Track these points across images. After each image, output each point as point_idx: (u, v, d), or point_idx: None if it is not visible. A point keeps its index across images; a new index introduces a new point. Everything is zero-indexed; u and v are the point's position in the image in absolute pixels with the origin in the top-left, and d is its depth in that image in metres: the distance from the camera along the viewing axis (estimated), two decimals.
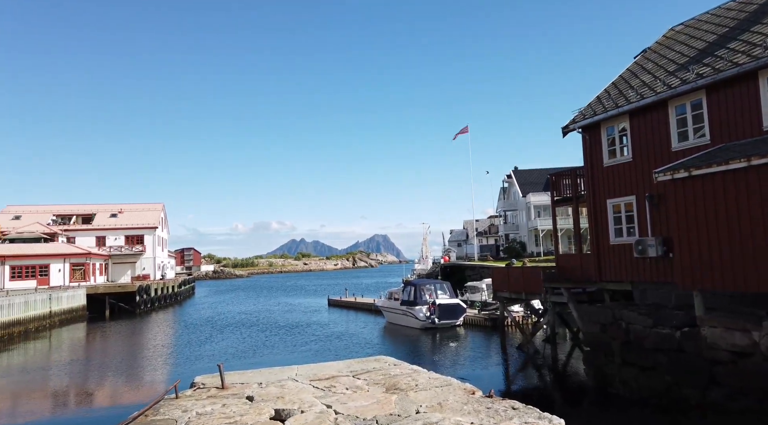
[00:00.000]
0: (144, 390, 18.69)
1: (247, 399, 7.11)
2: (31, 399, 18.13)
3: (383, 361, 9.58)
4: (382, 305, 34.37)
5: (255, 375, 8.82)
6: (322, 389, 7.47)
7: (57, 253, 54.98)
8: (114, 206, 72.48)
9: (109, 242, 66.68)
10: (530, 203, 57.32)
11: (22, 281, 51.51)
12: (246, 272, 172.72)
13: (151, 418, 6.36)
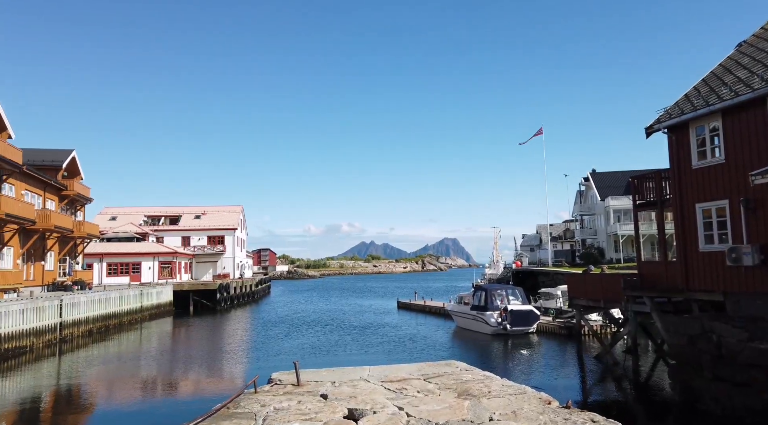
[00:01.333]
0: (224, 382, 19.67)
1: (321, 397, 7.32)
2: (125, 385, 19.63)
3: (454, 366, 9.52)
4: (452, 309, 34.08)
5: (328, 373, 9.06)
6: (394, 391, 7.54)
7: (148, 252, 59.19)
8: (198, 208, 76.88)
9: (193, 242, 70.80)
10: (609, 207, 54.70)
11: (117, 277, 55.89)
12: (318, 272, 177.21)
13: (232, 410, 6.71)
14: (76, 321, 30.78)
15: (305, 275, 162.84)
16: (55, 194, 40.04)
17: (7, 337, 23.99)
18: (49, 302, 28.15)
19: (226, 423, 6.05)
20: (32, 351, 25.62)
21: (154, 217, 73.70)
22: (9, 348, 23.96)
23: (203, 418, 6.20)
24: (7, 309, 24.21)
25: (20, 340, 24.99)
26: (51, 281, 38.43)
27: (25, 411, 16.34)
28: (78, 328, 30.82)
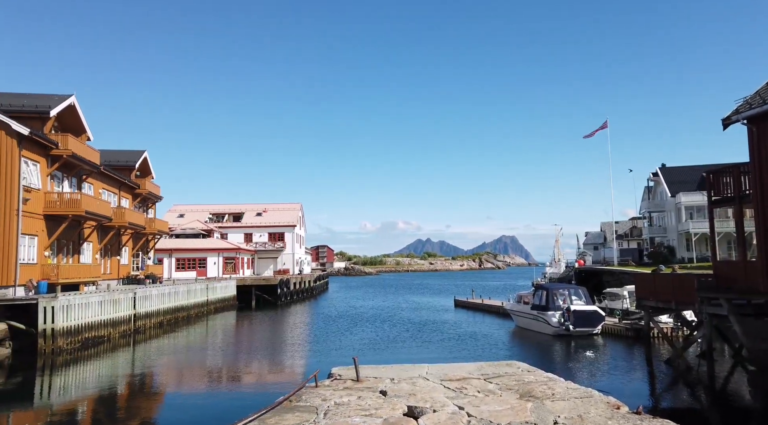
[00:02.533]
0: (285, 375, 20.20)
1: (380, 393, 7.34)
2: (193, 374, 20.58)
3: (515, 366, 9.29)
4: (511, 308, 33.38)
5: (387, 370, 9.08)
6: (453, 390, 7.45)
7: (213, 248, 61.75)
8: (259, 206, 79.35)
9: (255, 238, 73.15)
10: (680, 203, 51.77)
11: (185, 271, 58.65)
12: (375, 269, 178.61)
13: (294, 404, 6.84)
14: (148, 313, 32.55)
15: (362, 272, 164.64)
16: (128, 192, 42.49)
17: (88, 327, 25.72)
18: (124, 295, 29.93)
19: (289, 415, 6.17)
20: (109, 340, 27.33)
21: (218, 214, 76.74)
22: (89, 337, 25.68)
23: (267, 410, 6.36)
24: (87, 301, 25.95)
25: (99, 330, 26.72)
26: (125, 275, 40.85)
27: (103, 397, 17.46)
28: (150, 320, 32.58)
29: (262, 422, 5.93)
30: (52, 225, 28.60)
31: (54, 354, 22.98)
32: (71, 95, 31.62)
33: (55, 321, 23.37)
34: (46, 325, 23.17)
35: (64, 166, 30.21)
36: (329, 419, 6.02)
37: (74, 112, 32.22)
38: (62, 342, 23.64)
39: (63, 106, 30.61)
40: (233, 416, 7.35)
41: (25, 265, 26.08)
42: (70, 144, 29.52)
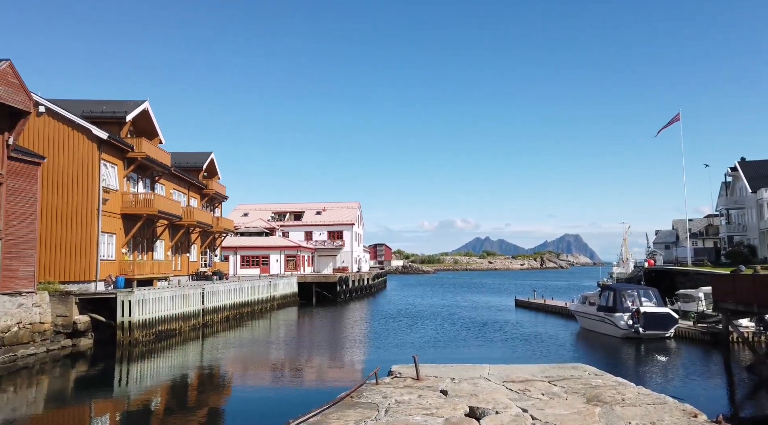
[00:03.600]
0: (345, 371, 20.49)
1: (441, 392, 7.27)
2: (257, 367, 21.28)
3: (582, 369, 8.96)
4: (576, 309, 32.25)
5: (448, 369, 9.00)
6: (516, 392, 7.27)
7: (275, 245, 63.62)
8: (318, 204, 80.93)
9: (315, 236, 74.69)
10: (763, 199, 48.13)
11: (249, 268, 60.76)
12: (432, 268, 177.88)
13: (356, 400, 6.91)
14: (216, 308, 33.97)
15: (419, 271, 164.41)
16: (197, 192, 44.51)
17: (161, 320, 27.17)
18: (194, 291, 31.38)
19: (350, 411, 6.24)
20: (180, 333, 28.76)
21: (280, 213, 78.97)
22: (162, 330, 27.13)
23: (329, 405, 6.45)
24: (160, 296, 27.43)
25: (171, 324, 28.17)
26: (194, 271, 42.83)
27: (175, 387, 18.39)
28: (217, 314, 34.00)
29: (325, 417, 6.03)
30: (128, 224, 30.42)
31: (131, 345, 24.45)
32: (145, 101, 33.49)
33: (132, 314, 24.85)
34: (123, 318, 24.68)
35: (139, 168, 32.04)
36: (390, 416, 6.03)
37: (147, 116, 34.11)
38: (138, 334, 25.11)
39: (137, 111, 32.47)
40: (296, 410, 7.52)
41: (104, 261, 27.89)
42: (144, 147, 31.28)
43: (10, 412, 15.38)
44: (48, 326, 23.54)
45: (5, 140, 22.01)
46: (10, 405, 16.02)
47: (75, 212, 26.95)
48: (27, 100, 22.40)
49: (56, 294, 24.20)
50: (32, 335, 22.52)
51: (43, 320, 23.39)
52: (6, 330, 21.30)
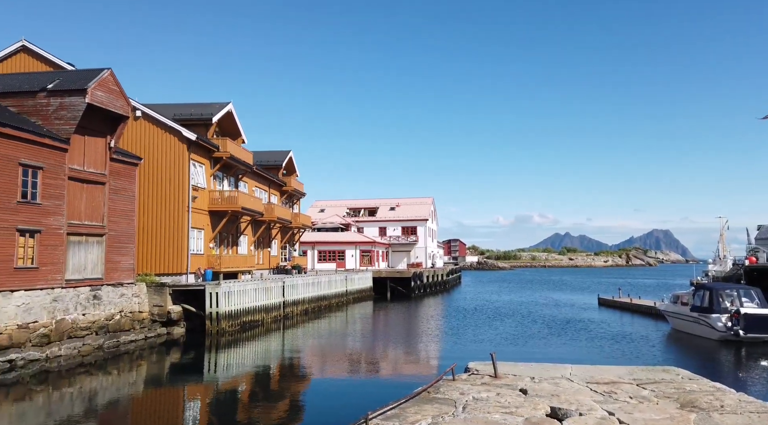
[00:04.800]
0: (420, 366, 20.53)
1: (520, 391, 7.09)
2: (335, 358, 21.84)
3: (674, 372, 8.41)
4: (666, 309, 30.27)
5: (526, 368, 8.76)
6: (602, 393, 6.94)
7: (350, 241, 64.89)
8: (392, 200, 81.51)
9: (389, 232, 75.34)
10: None
11: (326, 263, 62.42)
12: (508, 264, 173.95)
13: (433, 395, 6.90)
14: (295, 301, 35.22)
15: (495, 267, 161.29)
16: (276, 189, 46.31)
17: (245, 312, 28.58)
18: (275, 284, 32.71)
19: (427, 406, 6.24)
20: (263, 324, 30.10)
21: (355, 209, 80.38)
22: (247, 321, 28.53)
23: (406, 399, 6.49)
24: (244, 288, 28.84)
25: (254, 315, 29.55)
26: (275, 265, 44.63)
27: (258, 375, 19.29)
28: (296, 307, 35.24)
29: (402, 410, 6.07)
30: (215, 220, 32.23)
31: (218, 334, 25.92)
32: (229, 103, 35.26)
33: (219, 306, 26.33)
34: (211, 309, 26.20)
35: (224, 167, 33.82)
36: (468, 413, 5.96)
37: (231, 117, 35.90)
38: (225, 324, 26.57)
39: (222, 113, 34.26)
40: (373, 402, 7.62)
41: (194, 255, 29.73)
42: (228, 147, 32.96)
43: (115, 392, 16.84)
44: (146, 315, 25.49)
45: (107, 142, 24.02)
46: (114, 386, 17.53)
47: (168, 209, 28.93)
48: (126, 106, 24.30)
49: (152, 286, 26.14)
50: (132, 323, 24.49)
51: (142, 309, 25.35)
52: (110, 318, 23.31)
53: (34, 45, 28.39)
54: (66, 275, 21.62)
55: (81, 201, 22.61)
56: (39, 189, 20.62)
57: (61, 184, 21.59)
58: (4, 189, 19.26)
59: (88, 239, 22.96)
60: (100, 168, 23.66)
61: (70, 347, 20.72)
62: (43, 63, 28.11)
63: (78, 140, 22.47)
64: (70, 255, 21.97)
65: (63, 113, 21.84)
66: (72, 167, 22.17)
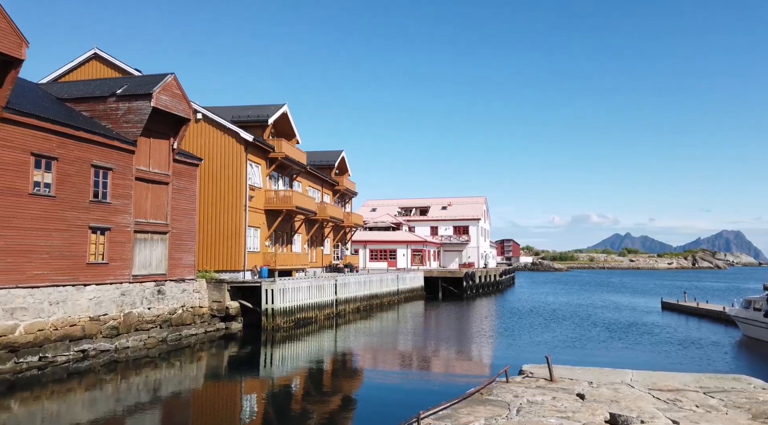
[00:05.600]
0: (472, 367, 20.29)
1: (577, 396, 6.88)
2: (386, 357, 21.95)
3: (745, 381, 7.91)
4: (737, 315, 28.51)
5: (584, 372, 8.48)
6: (665, 401, 6.63)
7: (402, 240, 64.97)
8: (444, 199, 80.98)
9: (441, 231, 74.89)
10: None
11: (378, 262, 62.80)
12: (565, 265, 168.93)
13: (485, 397, 6.80)
14: (347, 299, 35.64)
15: (550, 268, 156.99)
16: (329, 189, 47.01)
17: (299, 309, 29.21)
18: (328, 282, 33.22)
19: (480, 408, 6.16)
20: (316, 321, 30.65)
21: (406, 208, 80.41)
22: (301, 318, 29.15)
23: (458, 400, 6.43)
24: (299, 286, 29.47)
25: (308, 312, 30.14)
26: (328, 263, 45.32)
27: (312, 371, 19.66)
28: (348, 305, 35.65)
29: (455, 411, 6.02)
30: (270, 219, 33.10)
31: (274, 330, 26.61)
32: (284, 105, 36.10)
33: (275, 302, 27.02)
34: (267, 305, 26.93)
35: (279, 167, 34.68)
36: (522, 417, 5.84)
37: (286, 118, 36.74)
38: (280, 321, 27.25)
39: (278, 114, 35.13)
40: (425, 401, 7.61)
41: (250, 253, 30.65)
42: (283, 147, 33.76)
43: (177, 383, 17.63)
44: (206, 310, 26.53)
45: (171, 144, 25.16)
46: (177, 377, 18.35)
47: (226, 208, 29.97)
48: (188, 109, 25.37)
49: (212, 282, 27.17)
50: (193, 317, 25.55)
51: (202, 304, 26.40)
52: (173, 312, 24.41)
53: (105, 52, 30.11)
54: (133, 270, 22.82)
55: (146, 200, 23.81)
56: (109, 189, 21.87)
57: (128, 184, 22.81)
58: (79, 189, 20.55)
59: (153, 237, 24.14)
60: (164, 169, 24.81)
61: (136, 339, 21.86)
62: (113, 69, 29.77)
63: (144, 142, 23.66)
64: (137, 252, 23.17)
65: (131, 116, 23.06)
66: (139, 168, 23.37)
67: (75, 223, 20.32)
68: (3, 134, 17.84)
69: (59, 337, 18.91)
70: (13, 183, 18.09)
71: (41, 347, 18.16)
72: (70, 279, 19.87)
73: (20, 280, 18.07)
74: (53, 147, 19.59)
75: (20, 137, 18.41)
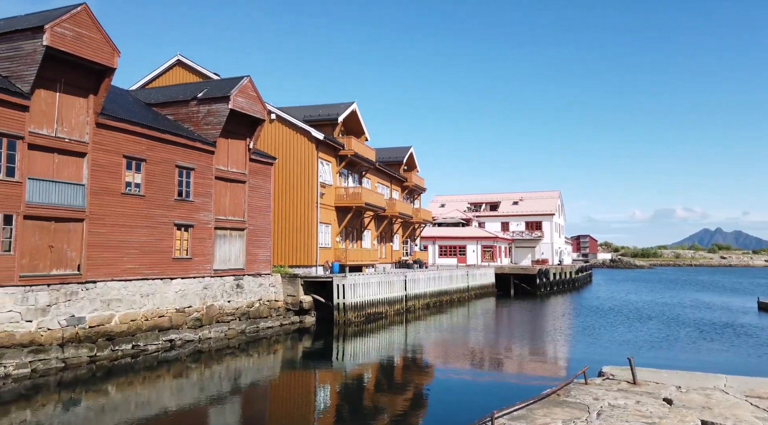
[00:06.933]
0: (547, 367, 19.66)
1: (664, 401, 6.47)
2: (456, 354, 21.74)
3: None
4: None
5: (671, 376, 7.97)
6: (765, 409, 6.08)
7: (471, 236, 64.12)
8: (515, 194, 79.00)
9: (512, 227, 73.16)
10: None
11: (447, 258, 62.37)
12: (647, 262, 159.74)
13: (563, 398, 6.55)
14: (417, 295, 35.65)
15: (631, 265, 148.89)
16: (397, 185, 47.20)
17: (369, 304, 29.58)
18: (397, 278, 33.40)
19: (557, 410, 5.94)
20: (386, 317, 30.91)
21: (475, 203, 79.22)
22: (371, 313, 29.51)
23: (534, 401, 6.24)
24: (368, 281, 29.84)
25: (378, 307, 30.46)
26: (397, 259, 45.56)
27: (383, 366, 19.84)
28: (418, 301, 35.66)
29: (530, 412, 5.84)
30: (340, 215, 33.74)
31: (345, 324, 27.13)
32: (353, 103, 36.63)
33: (346, 297, 27.53)
34: (339, 300, 27.49)
35: (348, 164, 35.25)
36: (603, 421, 5.57)
37: (355, 116, 37.26)
38: (351, 315, 27.73)
39: (347, 112, 35.70)
40: (498, 401, 7.46)
41: (322, 248, 31.40)
42: (353, 145, 34.28)
43: (256, 373, 18.42)
44: (281, 303, 27.50)
45: (247, 144, 26.25)
46: (255, 367, 19.17)
47: (298, 205, 30.89)
48: (263, 110, 26.34)
49: (286, 277, 28.11)
50: (269, 310, 26.56)
51: (277, 298, 27.39)
52: (251, 306, 25.51)
53: (187, 58, 31.91)
54: (214, 265, 24.06)
55: (225, 198, 25.00)
56: (192, 188, 23.17)
57: (209, 183, 24.05)
58: (165, 188, 21.93)
59: (232, 233, 25.32)
60: (241, 168, 25.94)
61: (218, 330, 23.05)
62: (194, 74, 31.48)
63: (222, 142, 24.84)
64: (217, 247, 24.40)
65: (210, 118, 24.28)
66: (218, 168, 24.58)
67: (161, 220, 21.70)
68: (99, 139, 19.36)
69: (149, 327, 20.30)
70: (108, 184, 19.59)
71: (133, 336, 19.58)
72: (158, 273, 21.27)
73: (115, 273, 19.57)
74: (143, 149, 21.02)
75: (114, 140, 19.90)
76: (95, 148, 19.18)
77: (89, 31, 18.13)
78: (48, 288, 17.25)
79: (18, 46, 17.21)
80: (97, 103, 19.15)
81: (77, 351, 17.50)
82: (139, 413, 13.25)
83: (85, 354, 17.66)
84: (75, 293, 18.01)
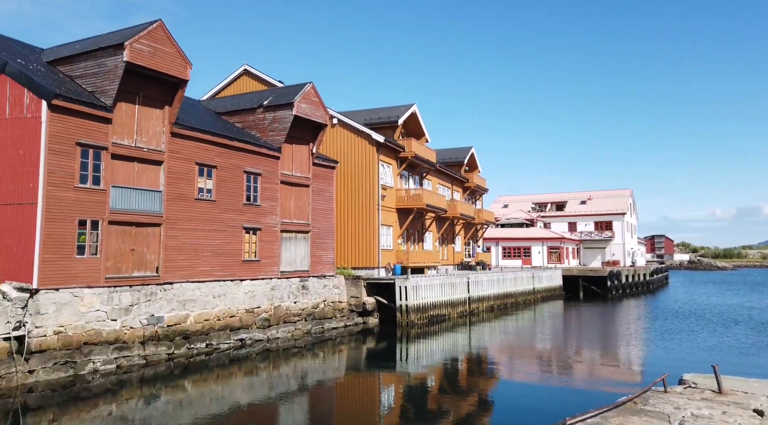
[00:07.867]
0: (621, 373, 18.75)
1: (754, 412, 6.00)
2: (523, 359, 21.19)
3: None
4: None
5: (762, 385, 7.38)
6: None
7: (536, 237, 62.36)
8: (583, 193, 76.10)
9: (580, 227, 70.52)
10: None
11: (511, 259, 61.00)
12: (730, 263, 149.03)
13: (640, 407, 6.22)
14: (480, 297, 35.11)
15: (711, 266, 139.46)
16: (459, 186, 46.72)
17: (432, 306, 29.44)
18: (460, 279, 33.04)
19: (635, 418, 5.65)
20: (449, 319, 30.64)
21: (540, 204, 77.01)
22: (434, 315, 29.36)
23: (609, 409, 5.97)
24: (431, 283, 29.71)
25: (441, 309, 30.26)
26: (459, 261, 45.08)
27: (446, 369, 19.66)
28: (481, 303, 35.10)
29: (604, 420, 5.59)
30: (401, 217, 33.82)
31: (408, 326, 27.14)
32: (413, 105, 36.66)
33: (408, 299, 27.56)
34: (401, 301, 27.55)
35: (409, 166, 35.29)
36: None
37: (415, 118, 37.26)
38: (414, 317, 27.71)
39: (407, 114, 35.77)
40: (569, 408, 7.18)
41: (384, 250, 31.60)
42: (413, 147, 34.30)
43: (322, 373, 18.79)
44: (345, 305, 27.92)
45: (310, 149, 26.88)
46: (321, 367, 19.56)
47: (360, 207, 31.26)
48: (325, 115, 26.90)
49: (349, 278, 28.50)
50: (334, 311, 27.03)
51: (341, 299, 27.83)
52: (316, 306, 26.07)
53: (253, 68, 33.15)
54: (280, 267, 24.79)
55: (290, 202, 25.72)
56: (259, 192, 24.02)
57: (275, 187, 24.84)
58: (234, 193, 22.86)
59: (297, 236, 26.00)
60: (305, 172, 26.60)
61: (285, 330, 23.73)
62: (260, 82, 32.65)
63: (287, 148, 25.58)
64: (283, 250, 25.13)
65: (275, 125, 25.08)
66: (283, 172, 25.33)
67: (231, 224, 22.63)
68: (174, 147, 20.48)
69: (221, 327, 21.21)
70: (182, 190, 20.68)
71: (207, 335, 20.53)
72: (229, 275, 22.19)
73: (190, 275, 20.60)
74: (213, 156, 22.02)
75: (187, 148, 20.98)
76: (171, 156, 20.30)
77: (164, 45, 19.23)
78: (130, 289, 18.43)
79: (101, 62, 18.52)
80: (171, 114, 20.26)
81: (157, 349, 18.57)
82: (214, 408, 13.86)
83: (163, 352, 18.70)
84: (154, 294, 19.12)
